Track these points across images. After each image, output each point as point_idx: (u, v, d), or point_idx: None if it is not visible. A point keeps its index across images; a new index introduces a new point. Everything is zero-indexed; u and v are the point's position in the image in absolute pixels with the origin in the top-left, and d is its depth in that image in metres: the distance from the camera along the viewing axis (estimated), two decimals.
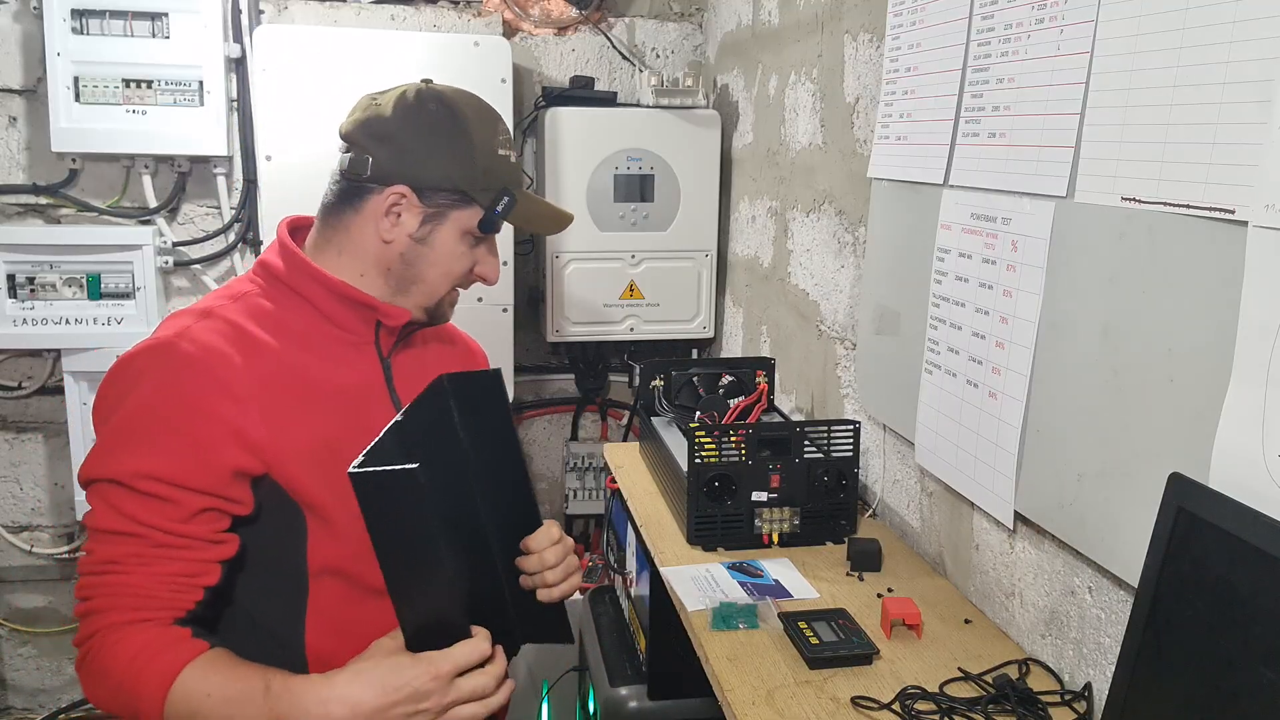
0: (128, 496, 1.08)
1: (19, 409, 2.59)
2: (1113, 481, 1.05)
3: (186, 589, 1.10)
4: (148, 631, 1.06)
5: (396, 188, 1.22)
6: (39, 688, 2.76)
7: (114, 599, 1.07)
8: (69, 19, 2.28)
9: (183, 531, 1.09)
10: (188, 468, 1.09)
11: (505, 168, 1.28)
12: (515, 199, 1.27)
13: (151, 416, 1.10)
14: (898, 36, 1.54)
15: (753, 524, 1.50)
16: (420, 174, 1.23)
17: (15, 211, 2.48)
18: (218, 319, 1.19)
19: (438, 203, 1.24)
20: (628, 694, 1.62)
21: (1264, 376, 0.84)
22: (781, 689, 1.12)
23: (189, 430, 1.10)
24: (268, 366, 1.18)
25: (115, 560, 1.08)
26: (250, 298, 1.24)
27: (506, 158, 1.29)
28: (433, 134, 1.24)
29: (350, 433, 1.21)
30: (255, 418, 1.14)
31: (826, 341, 1.90)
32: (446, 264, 1.28)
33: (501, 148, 1.28)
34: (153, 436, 1.10)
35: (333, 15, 2.51)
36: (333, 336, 1.26)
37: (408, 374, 1.33)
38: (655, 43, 2.74)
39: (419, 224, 1.25)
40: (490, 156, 1.26)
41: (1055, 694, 1.12)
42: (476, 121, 1.26)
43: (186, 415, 1.11)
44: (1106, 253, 1.05)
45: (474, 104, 1.29)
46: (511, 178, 1.29)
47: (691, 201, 2.52)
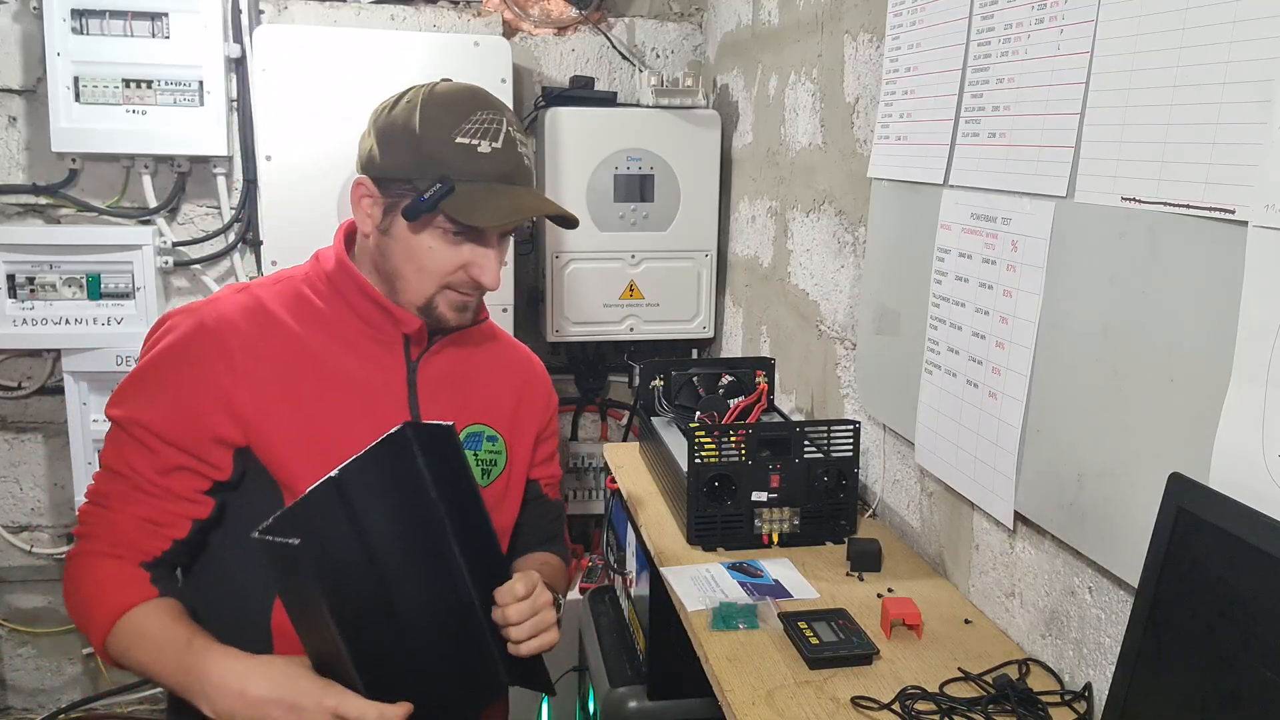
0: (126, 439, 1.20)
1: (19, 409, 2.59)
2: (1113, 481, 1.05)
3: (154, 536, 1.21)
4: (114, 566, 1.20)
5: (359, 177, 1.25)
6: (39, 688, 2.76)
7: (99, 531, 1.20)
8: (69, 19, 2.28)
9: (160, 482, 1.20)
10: (173, 424, 1.19)
11: (461, 156, 1.20)
12: (452, 187, 1.18)
13: (158, 370, 1.22)
14: (898, 36, 1.54)
15: (753, 524, 1.50)
16: (376, 163, 1.24)
17: (15, 211, 2.48)
18: (248, 295, 1.27)
19: (392, 193, 1.22)
20: (628, 694, 1.62)
21: (1264, 376, 0.84)
22: (781, 689, 1.12)
23: (183, 390, 1.20)
24: (278, 347, 1.24)
25: (105, 495, 1.22)
26: (293, 282, 1.30)
27: (470, 147, 1.20)
28: (390, 124, 1.23)
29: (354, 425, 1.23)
30: (248, 393, 1.21)
31: (826, 341, 1.90)
32: (418, 259, 1.23)
33: (465, 135, 1.20)
34: (153, 390, 1.21)
35: (333, 15, 2.51)
36: (364, 333, 1.28)
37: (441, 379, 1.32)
38: (655, 43, 2.74)
39: (382, 215, 1.24)
40: (440, 143, 1.20)
41: (1055, 694, 1.12)
42: (437, 108, 1.21)
43: (184, 377, 1.20)
44: (1106, 253, 1.05)
45: (450, 94, 1.24)
46: (470, 167, 1.20)
47: (691, 201, 2.52)
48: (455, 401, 1.33)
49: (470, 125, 1.21)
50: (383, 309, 1.27)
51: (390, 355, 1.29)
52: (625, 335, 2.57)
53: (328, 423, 1.23)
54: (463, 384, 1.35)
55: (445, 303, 1.26)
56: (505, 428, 1.38)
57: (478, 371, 1.38)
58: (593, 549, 2.77)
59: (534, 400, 1.44)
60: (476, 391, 1.36)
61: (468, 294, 1.27)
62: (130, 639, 1.16)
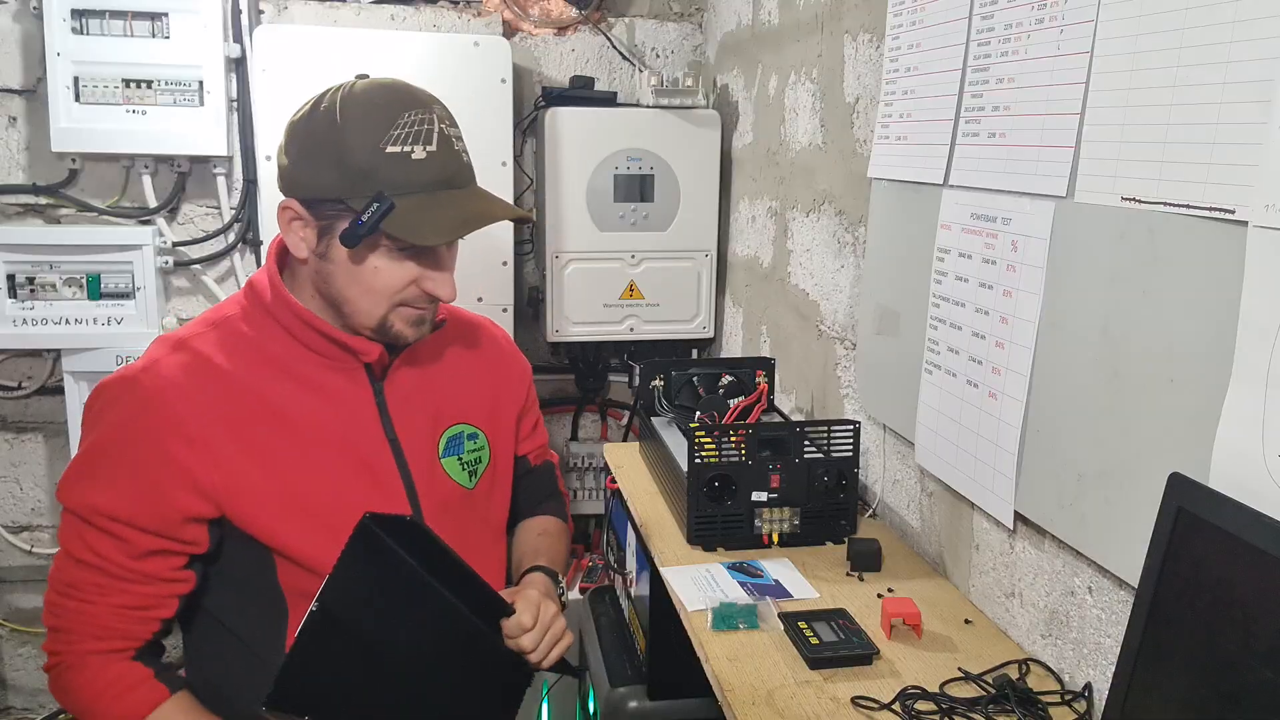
0: (87, 529, 1.13)
1: (19, 409, 2.59)
2: (1113, 481, 1.05)
3: (143, 621, 1.15)
4: (112, 666, 1.14)
5: (286, 201, 1.17)
6: (39, 688, 2.76)
7: (78, 625, 1.14)
8: (69, 19, 2.28)
9: (136, 568, 1.13)
10: (139, 509, 1.12)
11: (395, 167, 1.11)
12: (390, 204, 1.09)
13: (108, 453, 1.13)
14: (898, 36, 1.54)
15: (753, 524, 1.50)
16: (300, 184, 1.15)
17: (15, 211, 2.48)
18: (188, 352, 1.17)
19: (325, 214, 1.13)
20: (628, 694, 1.62)
21: (1264, 376, 0.84)
22: (781, 689, 1.12)
23: (141, 472, 1.12)
24: (233, 404, 1.15)
25: (76, 586, 1.14)
26: (232, 323, 1.21)
27: (403, 155, 1.11)
28: (311, 139, 1.13)
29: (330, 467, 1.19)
30: (209, 462, 1.13)
31: (826, 341, 1.90)
32: (363, 281, 1.15)
33: (395, 143, 1.10)
34: (108, 474, 1.13)
35: (332, 15, 2.51)
36: (320, 364, 1.21)
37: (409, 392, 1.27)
38: (655, 43, 2.74)
39: (316, 239, 1.16)
40: (371, 156, 1.10)
41: (1055, 694, 1.12)
42: (360, 116, 1.11)
43: (140, 456, 1.12)
44: (1106, 253, 1.05)
45: (371, 95, 1.14)
46: (406, 177, 1.11)
47: (691, 201, 2.52)
48: (429, 411, 1.29)
49: (399, 130, 1.11)
50: (335, 341, 1.20)
51: (353, 383, 1.23)
52: (625, 335, 2.56)
53: (303, 474, 1.17)
54: (433, 390, 1.30)
55: (400, 320, 1.19)
56: (485, 420, 1.36)
57: (445, 372, 1.33)
58: (593, 549, 2.77)
59: (509, 377, 1.43)
60: (449, 392, 1.32)
61: (423, 308, 1.20)
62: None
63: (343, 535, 1.10)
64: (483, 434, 1.36)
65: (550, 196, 2.46)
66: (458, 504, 1.31)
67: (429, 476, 1.28)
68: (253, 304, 1.23)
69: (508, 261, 2.45)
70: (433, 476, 1.28)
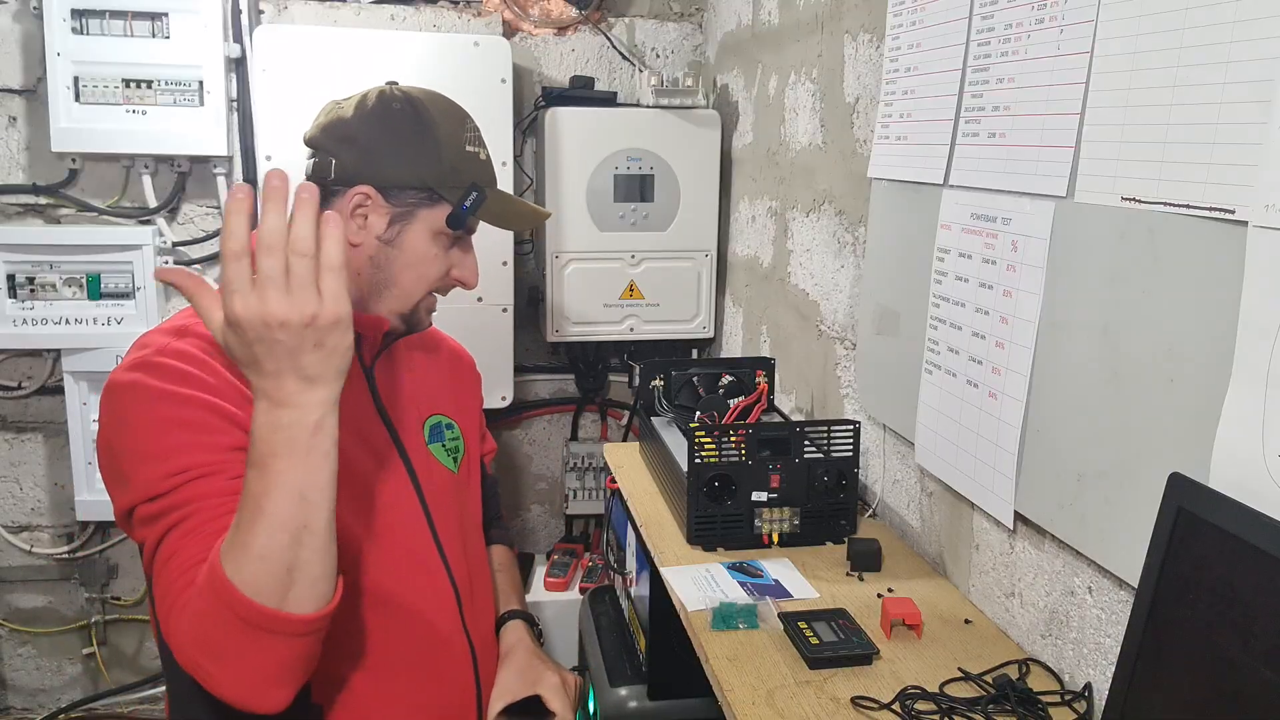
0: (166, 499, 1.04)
1: (19, 409, 2.60)
2: (1113, 481, 1.05)
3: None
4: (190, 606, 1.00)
5: (361, 188, 1.20)
6: (39, 688, 2.76)
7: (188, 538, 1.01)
8: (69, 19, 2.28)
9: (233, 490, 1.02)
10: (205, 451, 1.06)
11: (474, 165, 1.26)
12: (485, 195, 1.24)
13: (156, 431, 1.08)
14: (898, 36, 1.54)
15: (753, 524, 1.50)
16: (385, 173, 1.20)
17: (15, 211, 2.48)
18: (193, 335, 1.16)
19: (405, 202, 1.21)
20: (628, 694, 1.62)
21: (1264, 376, 0.84)
22: (781, 689, 1.12)
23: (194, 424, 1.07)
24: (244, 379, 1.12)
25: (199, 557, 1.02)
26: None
27: (475, 155, 1.26)
28: (397, 132, 1.22)
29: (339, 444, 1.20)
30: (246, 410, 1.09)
31: (826, 341, 1.90)
32: (419, 266, 1.24)
33: (469, 144, 1.26)
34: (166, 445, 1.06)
35: (332, 15, 2.51)
36: None
37: (391, 382, 1.32)
38: (655, 43, 2.74)
39: (386, 225, 1.22)
40: (457, 153, 1.24)
41: (1055, 694, 1.12)
42: (442, 118, 1.25)
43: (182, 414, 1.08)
44: (1106, 253, 1.05)
45: (439, 102, 1.27)
46: (481, 175, 1.27)
47: (691, 201, 2.52)
48: (412, 399, 1.34)
49: (468, 133, 1.27)
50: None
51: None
52: (625, 335, 2.57)
53: None
54: (411, 383, 1.36)
55: (425, 306, 1.30)
56: (455, 413, 1.42)
57: (418, 366, 1.40)
58: (593, 549, 2.77)
59: (466, 379, 1.52)
60: (424, 386, 1.38)
61: (440, 296, 1.31)
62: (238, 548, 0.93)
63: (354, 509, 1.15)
64: (457, 425, 1.42)
65: (550, 196, 2.46)
66: (449, 488, 1.36)
67: (423, 459, 1.33)
68: None
69: (508, 261, 2.45)
70: (426, 459, 1.33)
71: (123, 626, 2.75)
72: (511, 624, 1.43)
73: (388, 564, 1.23)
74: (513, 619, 1.44)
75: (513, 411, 2.71)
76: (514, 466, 2.85)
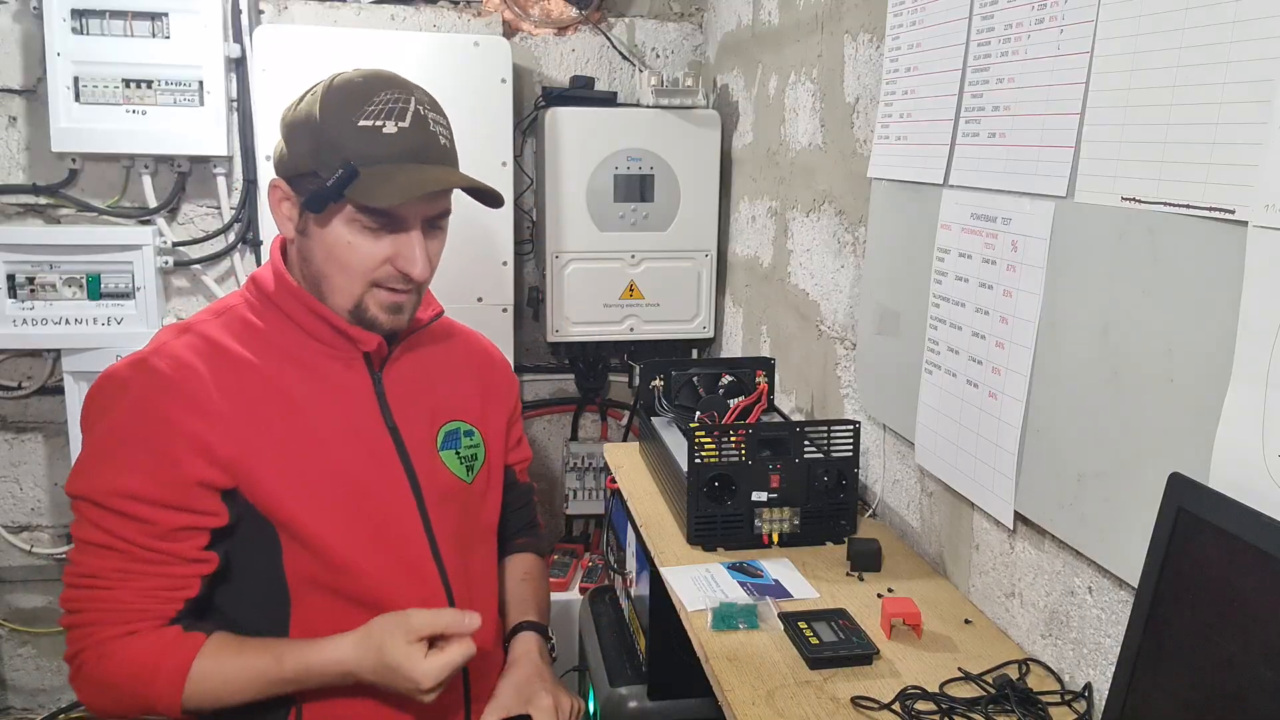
0: (106, 513, 1.12)
1: (19, 409, 2.59)
2: (1113, 481, 1.05)
3: (168, 601, 1.14)
4: (141, 640, 1.12)
5: (274, 179, 1.22)
6: (39, 688, 2.76)
7: (101, 614, 1.12)
8: (69, 19, 2.28)
9: (161, 548, 1.13)
10: (157, 483, 1.12)
11: (365, 140, 1.14)
12: (354, 172, 1.12)
13: (123, 435, 1.13)
14: (898, 36, 1.54)
15: (753, 524, 1.50)
16: (287, 162, 1.20)
17: (15, 211, 2.48)
18: (195, 335, 1.19)
19: (303, 189, 1.18)
20: (628, 694, 1.62)
21: (1264, 376, 0.84)
22: (781, 689, 1.12)
23: (157, 446, 1.12)
24: (242, 384, 1.17)
25: (97, 574, 1.12)
26: (237, 311, 1.23)
27: (375, 129, 1.14)
28: (294, 118, 1.20)
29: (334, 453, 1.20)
30: (222, 433, 1.14)
31: (826, 341, 1.90)
32: (339, 257, 1.18)
33: (367, 118, 1.14)
34: (124, 455, 1.12)
35: (332, 15, 2.51)
36: (322, 353, 1.24)
37: (406, 386, 1.30)
38: (655, 43, 2.74)
39: (298, 215, 1.21)
40: (341, 129, 1.14)
41: (1055, 694, 1.12)
42: (339, 95, 1.16)
43: (154, 431, 1.12)
44: (1106, 253, 1.05)
45: (353, 79, 1.18)
46: (374, 150, 1.14)
47: (691, 201, 2.52)
48: (426, 405, 1.32)
49: (373, 107, 1.16)
50: (337, 328, 1.22)
51: (352, 371, 1.26)
52: (625, 335, 2.56)
53: (310, 455, 1.19)
54: (429, 386, 1.34)
55: (375, 303, 1.21)
56: (478, 420, 1.38)
57: (439, 370, 1.36)
58: (593, 549, 2.77)
59: (498, 385, 1.46)
60: (444, 390, 1.35)
61: (398, 290, 1.22)
62: (212, 689, 1.12)
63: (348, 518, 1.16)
64: (478, 432, 1.38)
65: (550, 196, 2.46)
66: (456, 497, 1.33)
67: (429, 467, 1.30)
68: (256, 295, 1.25)
69: (508, 261, 2.45)
70: (433, 467, 1.30)
71: None
72: (522, 635, 1.40)
73: (379, 573, 1.22)
74: (525, 630, 1.41)
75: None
76: None
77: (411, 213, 1.18)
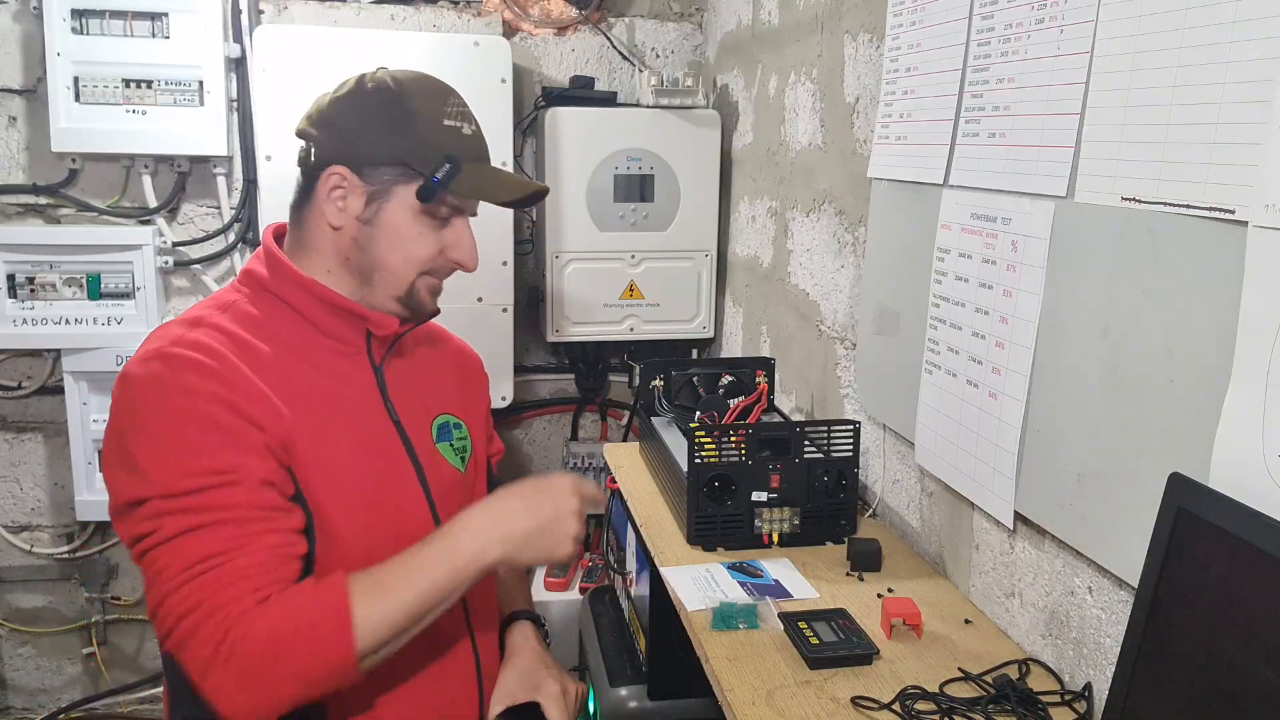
0: (192, 497, 1.05)
1: (19, 409, 2.60)
2: (1113, 481, 1.05)
3: (288, 559, 1.09)
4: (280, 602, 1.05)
5: (335, 168, 1.20)
6: (39, 688, 2.76)
7: (230, 588, 1.03)
8: (69, 19, 2.28)
9: (264, 502, 1.08)
10: (237, 449, 1.08)
11: (453, 138, 1.22)
12: (460, 168, 1.19)
13: (178, 421, 1.08)
14: (898, 36, 1.54)
15: (753, 524, 1.50)
16: (358, 150, 1.20)
17: (15, 211, 2.48)
18: (209, 326, 1.17)
19: (380, 179, 1.19)
20: (628, 694, 1.62)
21: (1264, 376, 0.84)
22: (781, 689, 1.12)
23: (219, 420, 1.08)
24: (267, 372, 1.16)
25: (210, 555, 1.04)
26: (238, 306, 1.22)
27: (457, 129, 1.23)
28: (369, 110, 1.21)
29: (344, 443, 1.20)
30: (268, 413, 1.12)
31: (826, 341, 1.90)
32: (404, 246, 1.21)
33: (450, 119, 1.23)
34: (188, 436, 1.07)
35: (332, 15, 2.51)
36: (323, 346, 1.23)
37: (401, 381, 1.31)
38: (655, 43, 2.74)
39: (364, 204, 1.20)
40: (433, 127, 1.21)
41: (1055, 694, 1.12)
42: (418, 93, 1.22)
43: (209, 409, 1.09)
44: (1106, 253, 1.05)
45: (419, 79, 1.25)
46: (461, 148, 1.22)
47: (691, 201, 2.52)
48: (420, 400, 1.33)
49: (450, 108, 1.23)
50: (339, 310, 1.22)
51: (355, 365, 1.26)
52: (625, 335, 2.57)
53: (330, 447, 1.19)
54: (420, 382, 1.36)
55: (425, 288, 1.26)
56: (463, 413, 1.41)
57: (426, 366, 1.39)
58: (593, 549, 2.77)
59: (474, 380, 1.50)
60: (432, 385, 1.37)
61: (441, 279, 1.29)
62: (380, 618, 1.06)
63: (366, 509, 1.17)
64: (464, 424, 1.40)
65: (550, 196, 2.46)
66: (456, 488, 1.34)
67: (430, 459, 1.31)
68: (254, 289, 1.24)
69: (508, 261, 2.45)
70: (434, 459, 1.32)
71: (123, 626, 2.75)
72: (519, 625, 1.42)
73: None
74: (520, 619, 1.43)
75: (513, 411, 2.71)
76: (514, 466, 2.85)
77: (470, 208, 1.27)
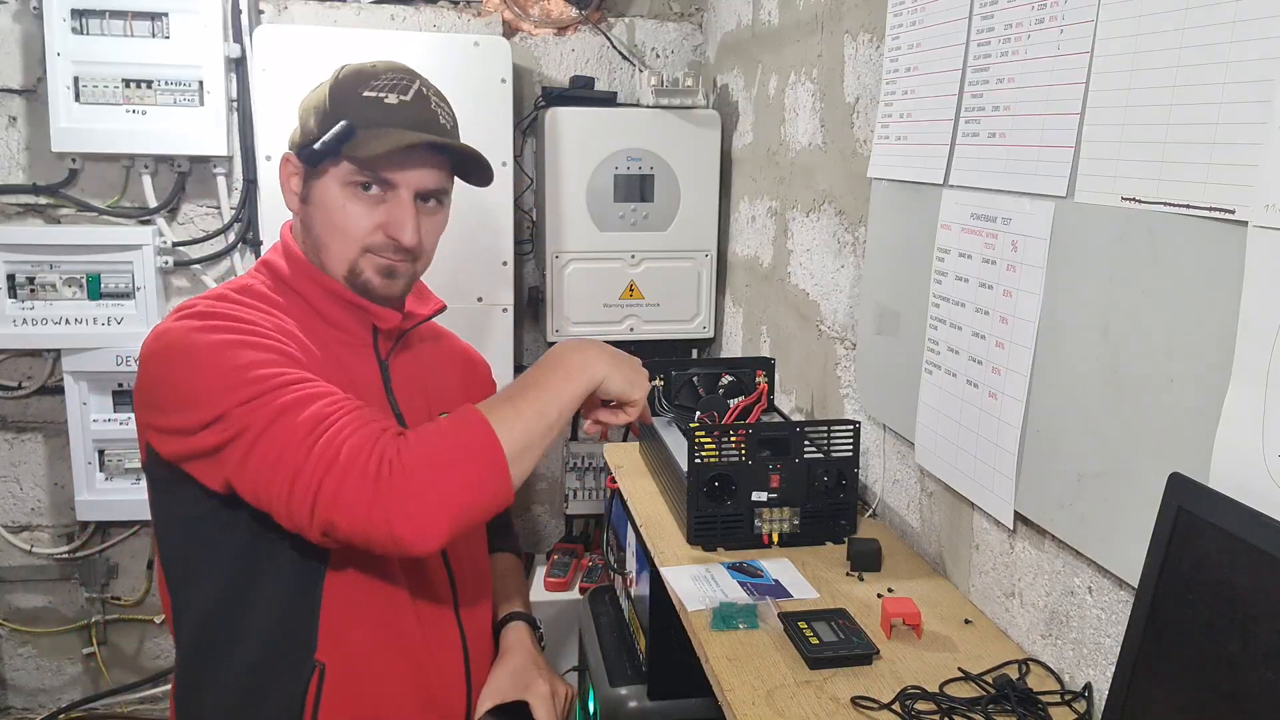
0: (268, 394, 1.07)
1: (19, 409, 2.60)
2: (1113, 481, 1.05)
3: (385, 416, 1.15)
4: (422, 431, 1.10)
5: (286, 154, 1.26)
6: (39, 688, 2.76)
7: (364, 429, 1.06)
8: (69, 19, 2.28)
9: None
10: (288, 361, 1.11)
11: (366, 107, 1.20)
12: (353, 131, 1.18)
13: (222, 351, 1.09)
14: (898, 36, 1.54)
15: (753, 524, 1.50)
16: (297, 138, 1.25)
17: (15, 211, 2.48)
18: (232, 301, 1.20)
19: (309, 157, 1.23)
20: (628, 694, 1.62)
21: (1264, 376, 0.84)
22: (781, 689, 1.12)
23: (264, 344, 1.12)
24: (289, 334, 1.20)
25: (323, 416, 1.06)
26: (257, 288, 1.26)
27: (377, 99, 1.21)
28: (308, 102, 1.26)
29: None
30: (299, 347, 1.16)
31: (826, 341, 1.90)
32: (336, 221, 1.22)
33: (371, 90, 1.21)
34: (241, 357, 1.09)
35: (332, 15, 2.51)
36: (332, 338, 1.26)
37: (405, 376, 1.33)
38: (655, 43, 2.74)
39: (302, 184, 1.25)
40: (347, 100, 1.21)
41: (1055, 694, 1.12)
42: (351, 74, 1.24)
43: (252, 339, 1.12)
44: (1106, 253, 1.05)
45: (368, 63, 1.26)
46: (376, 117, 1.20)
47: (691, 201, 2.52)
48: (422, 397, 1.35)
49: (379, 82, 1.23)
50: (347, 303, 1.26)
51: (361, 358, 1.29)
52: (625, 335, 2.56)
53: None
54: (423, 379, 1.37)
55: (370, 267, 1.24)
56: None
57: (430, 364, 1.40)
58: (593, 549, 2.77)
59: (478, 383, 1.51)
60: (434, 384, 1.39)
61: (391, 258, 1.25)
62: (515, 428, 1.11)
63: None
64: None
65: (550, 196, 2.46)
66: None
67: None
68: (270, 278, 1.27)
69: (508, 261, 2.45)
70: None
71: (123, 626, 2.75)
72: (513, 625, 1.43)
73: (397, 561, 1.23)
74: (515, 620, 1.45)
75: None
76: None
77: (403, 180, 1.22)
